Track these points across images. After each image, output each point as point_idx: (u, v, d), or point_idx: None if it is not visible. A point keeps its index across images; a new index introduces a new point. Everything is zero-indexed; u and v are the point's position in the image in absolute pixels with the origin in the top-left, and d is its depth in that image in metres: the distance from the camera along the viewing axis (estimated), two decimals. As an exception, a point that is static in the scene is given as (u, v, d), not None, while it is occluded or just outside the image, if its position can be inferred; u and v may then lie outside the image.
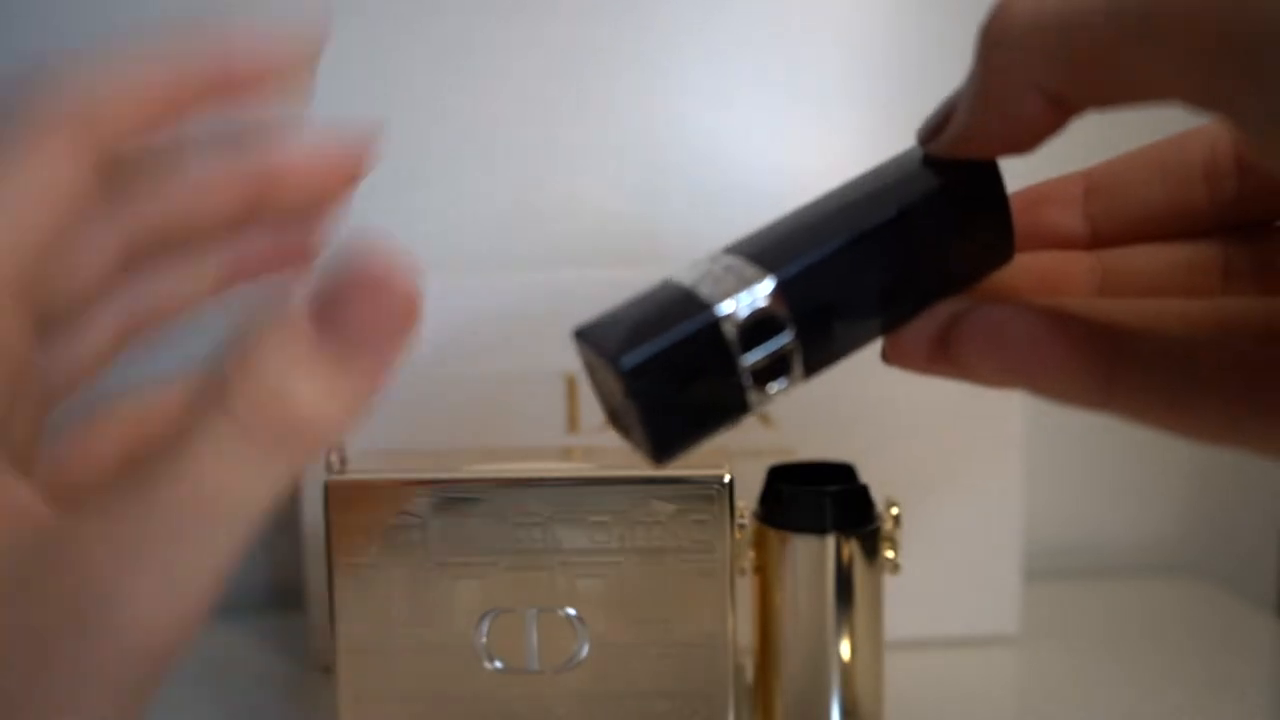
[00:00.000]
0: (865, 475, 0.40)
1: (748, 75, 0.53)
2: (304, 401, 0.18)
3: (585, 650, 0.37)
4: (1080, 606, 0.55)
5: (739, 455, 0.39)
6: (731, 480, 0.36)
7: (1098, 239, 0.24)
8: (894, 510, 0.39)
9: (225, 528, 0.17)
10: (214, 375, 0.18)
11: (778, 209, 0.22)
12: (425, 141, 0.52)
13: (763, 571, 0.39)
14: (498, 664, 0.37)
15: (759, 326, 0.20)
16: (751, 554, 0.39)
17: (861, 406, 0.48)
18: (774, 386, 0.21)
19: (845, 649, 0.39)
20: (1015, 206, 0.23)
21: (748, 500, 0.39)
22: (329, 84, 0.51)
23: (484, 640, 0.37)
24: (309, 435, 0.18)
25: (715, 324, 0.20)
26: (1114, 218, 0.24)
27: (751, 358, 0.20)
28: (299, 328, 0.18)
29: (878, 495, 0.39)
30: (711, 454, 0.39)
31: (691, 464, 0.37)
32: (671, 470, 0.37)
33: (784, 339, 0.20)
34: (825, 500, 0.38)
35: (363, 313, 0.18)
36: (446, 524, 0.37)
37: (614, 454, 0.38)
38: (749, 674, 0.41)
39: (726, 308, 0.20)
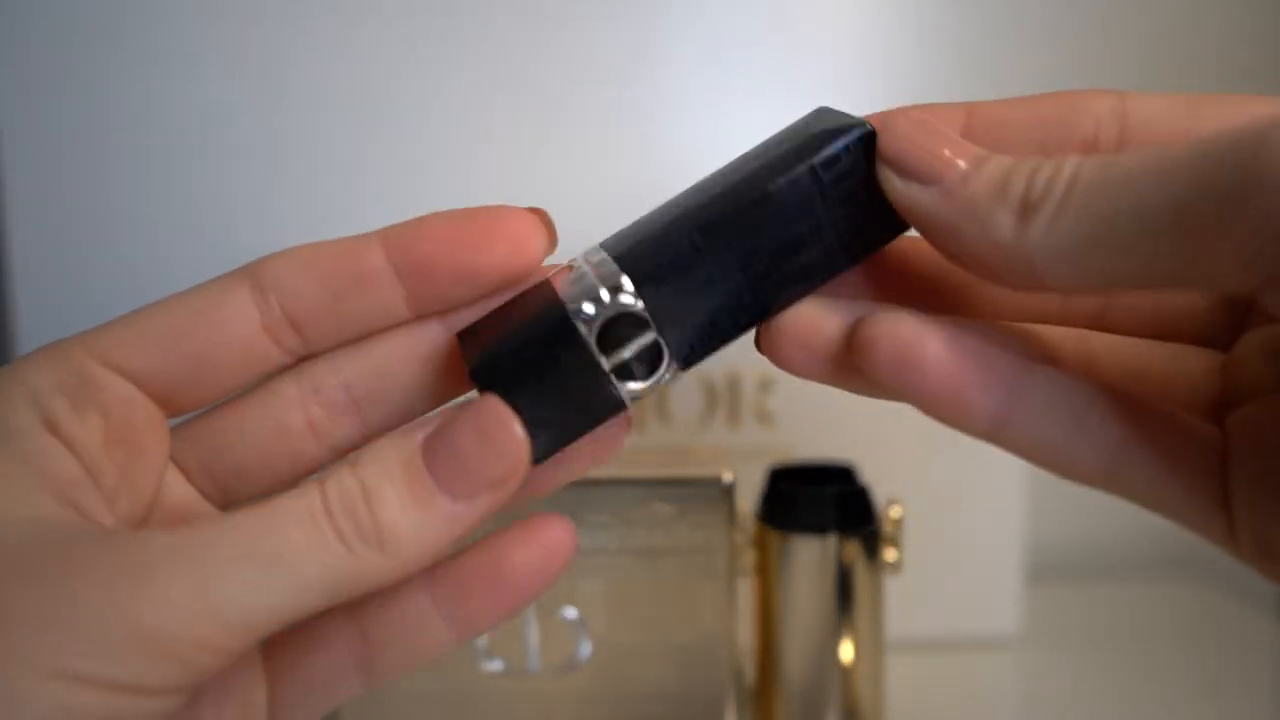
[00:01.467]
0: (865, 475, 0.40)
1: (747, 76, 0.53)
2: (388, 508, 0.19)
3: (585, 651, 0.37)
4: (1081, 607, 0.55)
5: (739, 456, 0.39)
6: (732, 481, 0.36)
7: None
8: (894, 511, 0.39)
9: (278, 582, 0.18)
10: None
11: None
12: (422, 139, 0.52)
13: (763, 572, 0.39)
14: (498, 664, 0.37)
15: (616, 324, 0.20)
16: (752, 555, 0.39)
17: (861, 406, 0.47)
18: (643, 382, 0.21)
19: (846, 650, 0.38)
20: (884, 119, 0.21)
21: (748, 501, 0.39)
22: (325, 82, 0.51)
23: (484, 641, 0.37)
24: (383, 541, 0.19)
25: (569, 324, 0.20)
26: None
27: (613, 357, 0.20)
28: (408, 446, 0.19)
29: (878, 495, 0.39)
30: (712, 455, 0.39)
31: (692, 465, 0.37)
32: (672, 471, 0.37)
33: (645, 337, 0.20)
34: (826, 501, 0.38)
35: (469, 454, 0.19)
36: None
37: (614, 454, 0.38)
38: (749, 675, 0.41)
39: (586, 309, 0.20)
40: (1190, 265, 0.16)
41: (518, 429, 0.19)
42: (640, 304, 0.20)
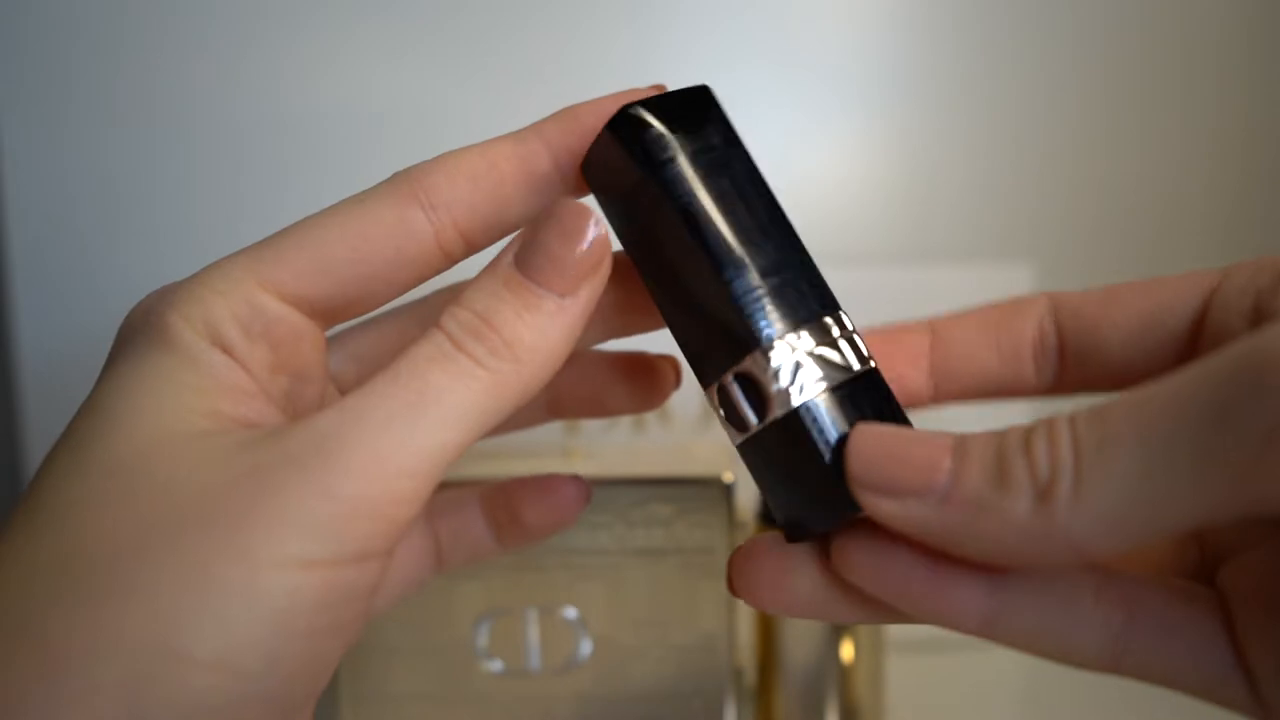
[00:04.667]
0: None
1: (752, 79, 0.53)
2: (504, 324, 0.20)
3: (585, 651, 0.37)
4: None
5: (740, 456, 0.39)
6: (733, 481, 0.36)
7: (936, 397, 0.25)
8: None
9: (436, 419, 0.20)
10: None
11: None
12: (421, 137, 0.52)
13: (763, 572, 0.39)
14: (498, 665, 0.37)
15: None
16: (752, 555, 0.39)
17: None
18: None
19: (846, 650, 0.38)
20: (869, 347, 0.22)
21: (748, 501, 0.39)
22: (329, 79, 0.51)
23: (484, 641, 0.37)
24: (515, 352, 0.20)
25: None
26: (953, 381, 0.24)
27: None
28: (503, 267, 0.21)
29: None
30: (712, 455, 0.39)
31: (692, 465, 0.37)
32: (672, 471, 0.37)
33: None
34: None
35: (558, 249, 0.21)
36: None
37: (614, 454, 0.38)
38: (749, 675, 0.41)
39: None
40: (1239, 491, 0.16)
41: (593, 216, 0.21)
42: None
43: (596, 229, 0.21)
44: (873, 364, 0.21)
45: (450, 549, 0.28)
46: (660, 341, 0.25)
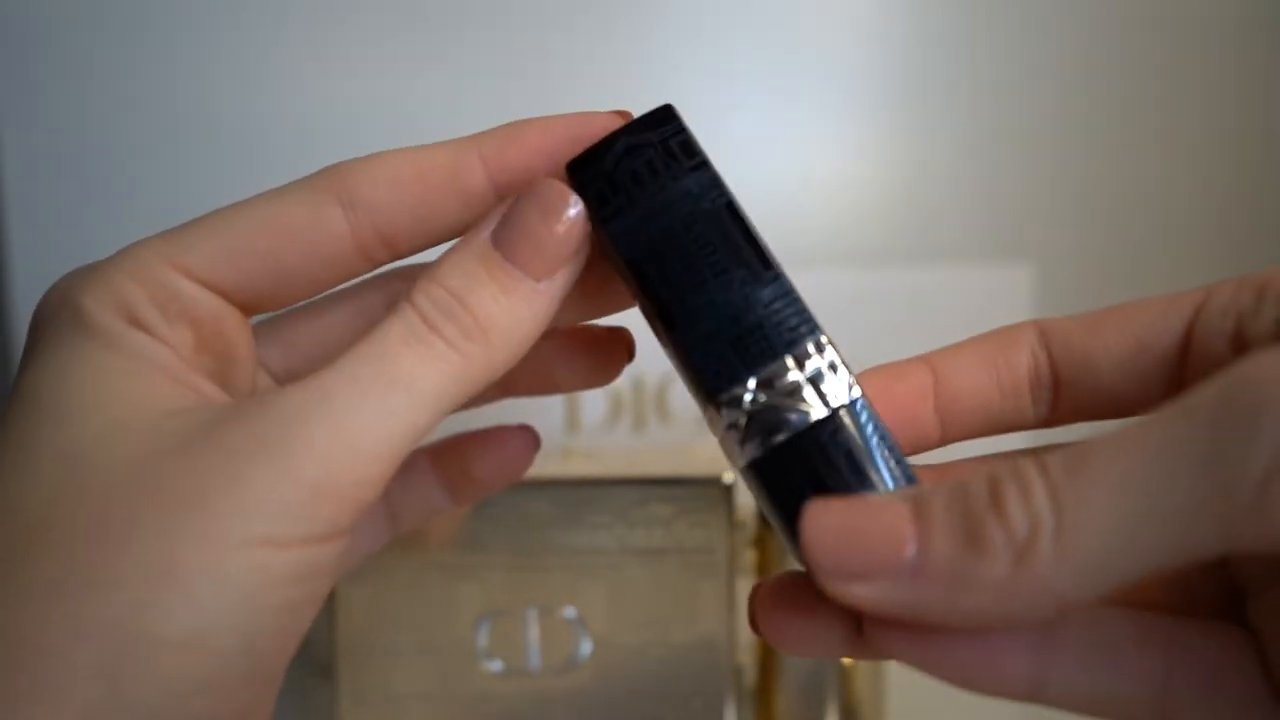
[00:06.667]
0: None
1: (751, 76, 0.53)
2: (479, 305, 0.20)
3: (585, 651, 0.37)
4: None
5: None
6: (733, 481, 0.36)
7: (943, 439, 0.23)
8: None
9: (405, 402, 0.19)
10: (412, 284, 0.21)
11: (780, 214, 0.22)
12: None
13: (763, 572, 0.39)
14: (498, 665, 0.37)
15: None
16: (752, 555, 0.39)
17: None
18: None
19: (846, 650, 0.38)
20: (872, 390, 0.22)
21: (748, 501, 0.39)
22: (330, 79, 0.51)
23: (484, 641, 0.37)
24: (487, 335, 0.20)
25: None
26: (958, 419, 0.23)
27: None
28: (480, 244, 0.21)
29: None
30: (712, 455, 0.39)
31: (692, 465, 0.37)
32: (672, 471, 0.37)
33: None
34: (826, 501, 0.38)
35: (539, 231, 0.21)
36: (446, 524, 0.36)
37: (614, 454, 0.38)
38: (749, 675, 0.41)
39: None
40: (1233, 532, 0.15)
41: (572, 196, 0.21)
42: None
43: (576, 210, 0.21)
44: (860, 391, 0.21)
45: (403, 509, 0.27)
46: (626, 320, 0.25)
